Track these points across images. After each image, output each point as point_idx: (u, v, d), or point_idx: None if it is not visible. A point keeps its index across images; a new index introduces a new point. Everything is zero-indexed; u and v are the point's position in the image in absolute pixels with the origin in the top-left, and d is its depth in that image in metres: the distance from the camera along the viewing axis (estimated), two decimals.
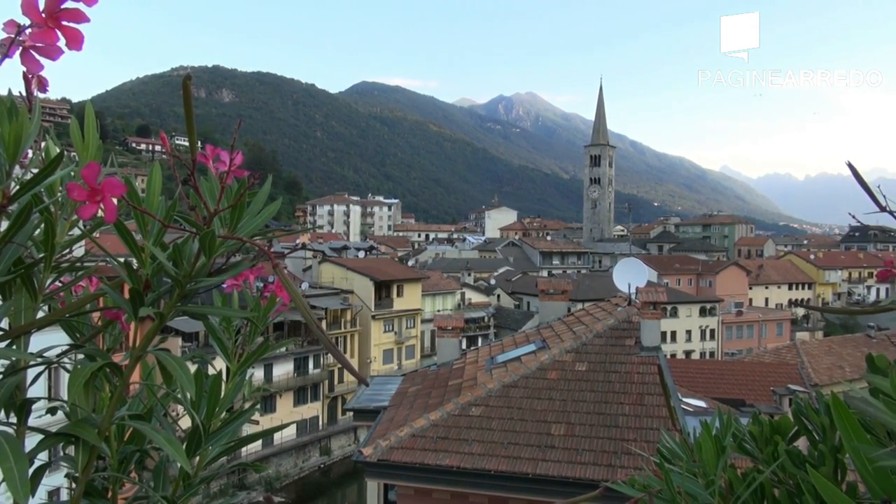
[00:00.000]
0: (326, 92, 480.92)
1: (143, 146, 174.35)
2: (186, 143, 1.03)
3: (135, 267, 1.12)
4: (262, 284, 1.47)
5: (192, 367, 1.38)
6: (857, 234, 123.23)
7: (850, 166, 1.36)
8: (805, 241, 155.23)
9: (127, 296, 1.11)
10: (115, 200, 0.92)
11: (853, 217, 1.49)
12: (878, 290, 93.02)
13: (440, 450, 10.48)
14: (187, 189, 1.06)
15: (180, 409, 1.41)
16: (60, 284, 1.23)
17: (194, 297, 1.15)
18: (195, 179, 1.00)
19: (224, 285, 1.27)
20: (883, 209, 1.29)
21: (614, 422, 10.69)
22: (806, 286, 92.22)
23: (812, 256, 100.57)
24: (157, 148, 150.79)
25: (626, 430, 10.51)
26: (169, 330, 39.22)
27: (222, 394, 1.40)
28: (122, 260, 1.13)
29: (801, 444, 1.40)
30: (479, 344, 29.42)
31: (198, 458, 1.35)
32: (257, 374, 45.81)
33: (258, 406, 1.58)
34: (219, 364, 1.52)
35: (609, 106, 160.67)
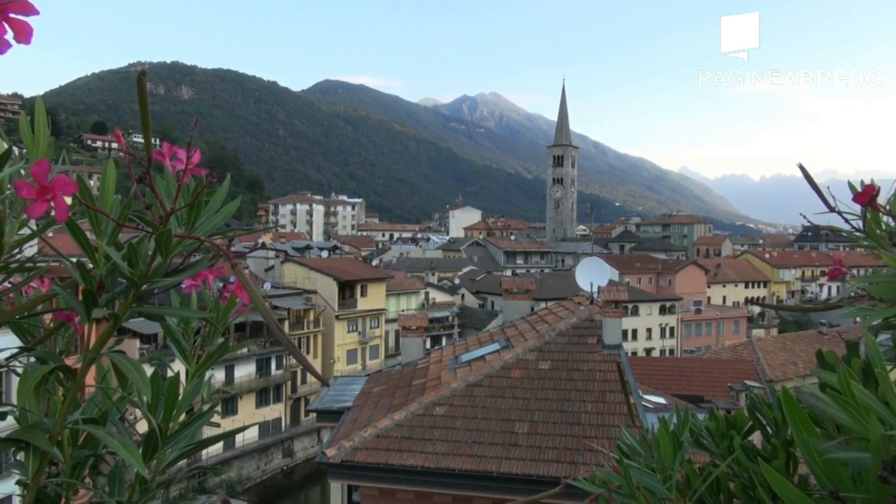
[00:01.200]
0: (289, 90, 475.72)
1: (98, 143, 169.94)
2: (143, 141, 1.01)
3: (88, 267, 1.09)
4: (221, 285, 1.44)
5: (150, 370, 1.35)
6: (809, 233, 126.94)
7: (802, 168, 1.40)
8: (761, 241, 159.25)
9: (80, 297, 1.09)
10: (67, 199, 0.89)
11: (804, 217, 1.53)
12: (829, 287, 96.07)
13: (404, 450, 10.46)
14: (143, 188, 1.04)
15: (138, 412, 1.38)
16: (10, 285, 1.20)
17: (151, 298, 1.13)
18: (150, 178, 0.98)
19: (182, 286, 1.24)
20: (832, 209, 1.33)
21: (577, 419, 10.82)
22: (761, 284, 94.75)
23: (767, 256, 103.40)
24: (114, 146, 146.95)
25: (589, 427, 10.65)
26: (126, 331, 38.40)
27: (180, 396, 1.38)
28: (74, 260, 1.10)
29: (757, 438, 1.44)
30: (444, 343, 29.42)
31: (155, 461, 1.33)
32: (218, 375, 45.12)
33: (217, 408, 1.55)
34: (178, 366, 1.49)
35: (571, 107, 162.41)
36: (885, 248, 1.23)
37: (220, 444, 44.53)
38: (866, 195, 1.20)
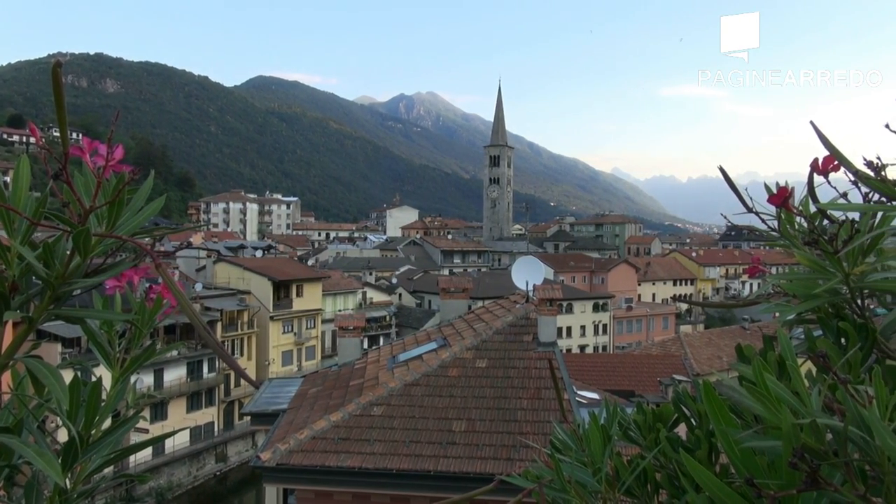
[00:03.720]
0: (221, 85, 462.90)
1: (15, 138, 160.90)
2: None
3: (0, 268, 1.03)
4: (148, 286, 1.39)
5: (72, 375, 1.29)
6: (733, 233, 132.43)
7: (722, 170, 1.47)
8: (688, 240, 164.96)
9: None
10: None
11: (725, 218, 1.60)
12: (751, 285, 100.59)
13: (341, 451, 10.37)
14: (61, 184, 0.99)
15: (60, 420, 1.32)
16: None
17: (71, 300, 1.08)
18: (67, 173, 0.94)
19: (106, 287, 1.19)
20: (750, 210, 1.39)
21: (513, 416, 10.97)
22: (689, 282, 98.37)
23: (694, 254, 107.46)
24: (33, 140, 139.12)
25: (524, 423, 10.82)
26: (46, 335, 36.58)
27: (103, 402, 1.32)
28: None
29: (683, 430, 1.49)
30: (381, 343, 29.27)
31: (78, 470, 1.27)
32: (146, 379, 43.59)
33: (145, 413, 1.50)
34: (103, 371, 1.43)
35: (507, 108, 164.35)
36: (798, 247, 1.29)
37: (148, 451, 43.03)
38: (780, 197, 1.26)
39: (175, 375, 46.98)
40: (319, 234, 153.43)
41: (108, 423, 1.34)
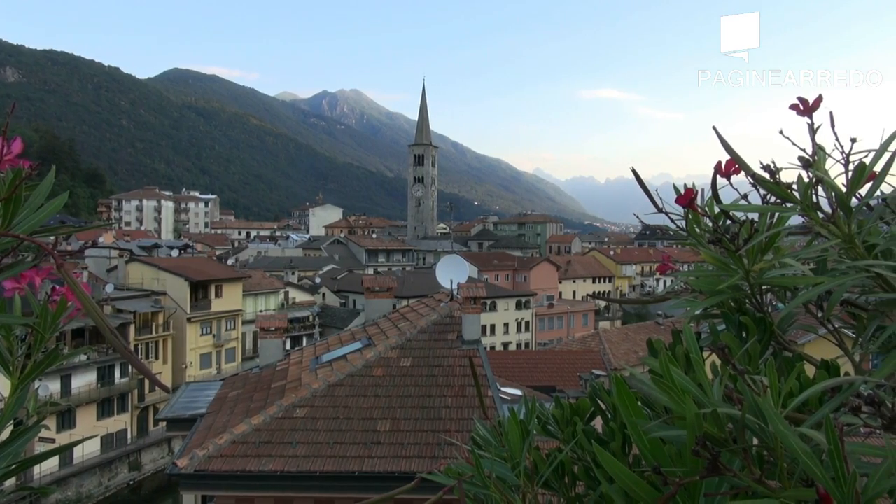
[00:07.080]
0: (133, 77, 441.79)
1: None
2: None
3: None
4: (53, 287, 1.32)
5: None
6: (647, 232, 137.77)
7: (634, 172, 1.53)
8: (606, 239, 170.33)
9: None
10: None
11: (638, 218, 1.67)
12: (664, 282, 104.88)
13: (263, 455, 10.14)
14: None
15: None
16: None
17: None
18: None
19: (4, 288, 1.13)
20: (660, 210, 1.45)
21: (437, 414, 11.03)
22: (607, 279, 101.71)
23: (611, 253, 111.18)
24: None
25: (449, 421, 10.90)
26: None
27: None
28: None
29: (601, 423, 1.54)
30: (304, 344, 28.80)
31: None
32: (52, 386, 41.30)
33: (45, 422, 1.42)
34: (2, 378, 1.35)
35: (432, 107, 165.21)
36: (703, 245, 1.36)
37: (55, 461, 40.75)
38: (686, 198, 1.33)
39: (84, 381, 44.67)
40: (239, 233, 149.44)
41: (7, 433, 1.27)
